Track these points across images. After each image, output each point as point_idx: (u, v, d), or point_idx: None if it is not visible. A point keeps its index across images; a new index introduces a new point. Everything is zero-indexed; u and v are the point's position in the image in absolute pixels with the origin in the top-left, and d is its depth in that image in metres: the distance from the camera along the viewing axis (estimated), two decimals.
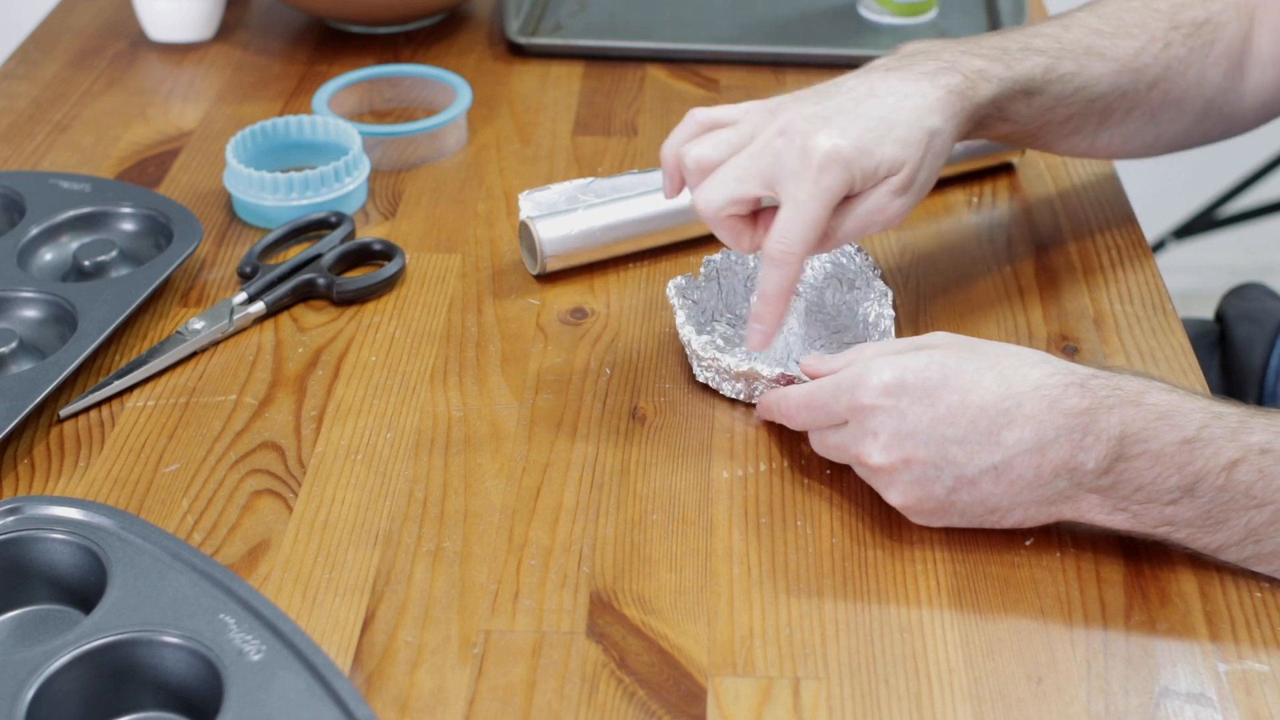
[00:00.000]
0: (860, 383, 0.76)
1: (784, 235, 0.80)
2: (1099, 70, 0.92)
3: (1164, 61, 0.94)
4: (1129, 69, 0.93)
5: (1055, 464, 0.73)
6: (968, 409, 0.74)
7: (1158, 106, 0.96)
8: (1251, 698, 0.70)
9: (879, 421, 0.75)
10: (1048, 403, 0.73)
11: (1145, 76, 0.94)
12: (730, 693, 0.70)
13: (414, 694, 0.70)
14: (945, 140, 0.85)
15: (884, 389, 0.75)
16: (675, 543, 0.78)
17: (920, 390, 0.74)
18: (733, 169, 0.82)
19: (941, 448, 0.74)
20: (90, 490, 0.82)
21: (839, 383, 0.77)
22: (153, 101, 1.21)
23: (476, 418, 0.87)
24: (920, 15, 1.32)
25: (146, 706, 0.70)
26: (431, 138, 1.12)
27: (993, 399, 0.73)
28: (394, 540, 0.79)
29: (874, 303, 0.89)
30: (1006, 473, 0.73)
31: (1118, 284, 0.98)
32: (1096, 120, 0.95)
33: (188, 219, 0.99)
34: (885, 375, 0.75)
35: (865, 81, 0.85)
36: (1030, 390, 0.73)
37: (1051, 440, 0.72)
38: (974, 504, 0.75)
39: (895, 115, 0.82)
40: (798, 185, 0.80)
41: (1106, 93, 0.93)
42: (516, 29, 1.27)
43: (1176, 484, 0.72)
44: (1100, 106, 0.93)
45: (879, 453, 0.75)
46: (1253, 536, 0.73)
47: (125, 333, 0.94)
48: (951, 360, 0.75)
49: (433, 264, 1.00)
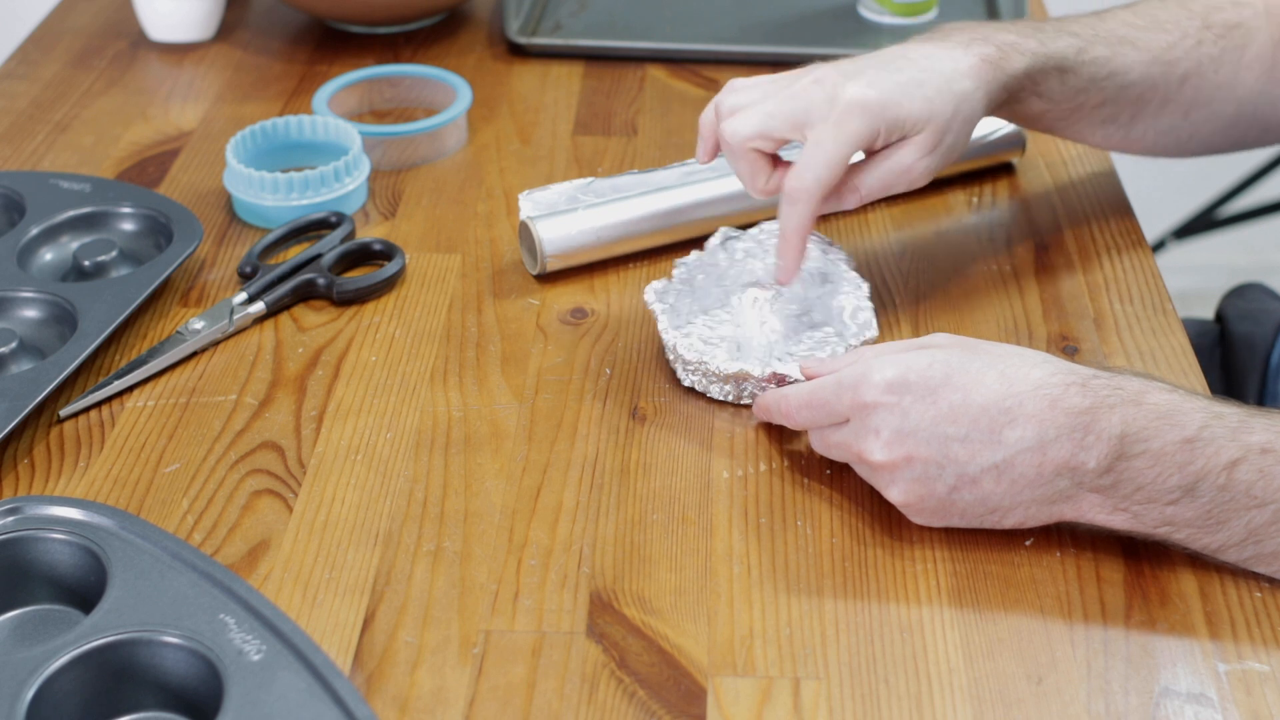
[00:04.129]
0: (863, 380, 0.76)
1: (802, 172, 0.84)
2: (1131, 58, 0.94)
3: (1195, 58, 0.96)
4: (1161, 61, 0.95)
5: (1056, 463, 0.73)
6: (970, 407, 0.74)
7: (1190, 104, 0.97)
8: (1251, 698, 0.70)
9: (881, 419, 0.75)
10: (1049, 402, 0.73)
11: (1176, 70, 0.95)
12: (730, 693, 0.70)
13: (414, 694, 0.70)
14: (975, 106, 0.88)
15: (886, 386, 0.75)
16: (675, 543, 0.78)
17: (923, 388, 0.75)
18: (765, 105, 0.86)
19: (943, 446, 0.74)
20: (90, 490, 0.82)
21: (841, 381, 0.77)
22: (153, 101, 1.21)
23: (476, 418, 0.87)
24: (920, 15, 1.32)
25: (146, 706, 0.70)
26: (431, 138, 1.12)
27: (995, 397, 0.74)
28: (394, 540, 0.79)
29: (849, 295, 0.89)
30: (1008, 471, 0.74)
31: (1118, 284, 0.98)
32: (1130, 110, 0.96)
33: (188, 219, 0.99)
34: (888, 373, 0.75)
35: (901, 48, 0.90)
36: (1031, 389, 0.74)
37: (1053, 439, 0.73)
38: (975, 503, 0.75)
39: (925, 76, 0.86)
40: (822, 128, 0.84)
41: (1138, 81, 0.95)
42: (516, 29, 1.27)
43: (1177, 483, 0.72)
44: (1133, 95, 0.95)
45: (881, 450, 0.75)
46: (1253, 537, 0.73)
47: (125, 333, 0.94)
48: (954, 359, 0.75)
49: (433, 264, 1.00)
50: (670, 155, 1.12)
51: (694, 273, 0.92)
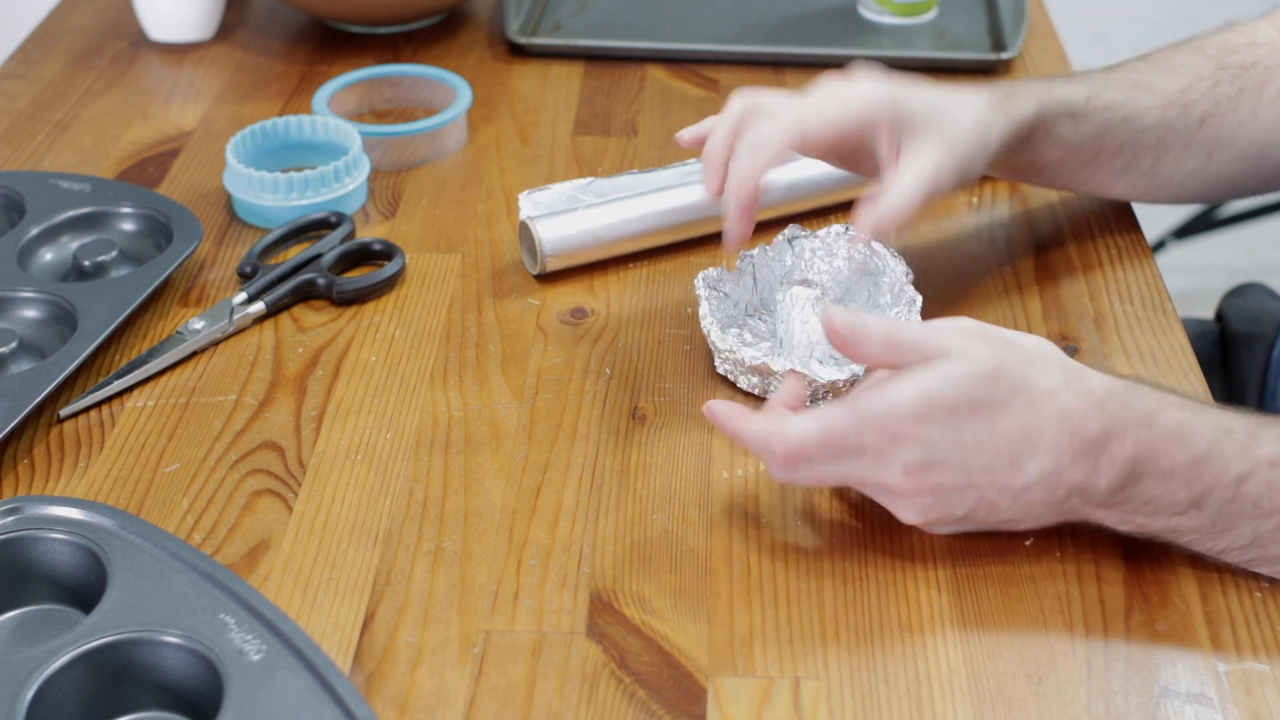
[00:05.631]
0: (888, 413, 0.71)
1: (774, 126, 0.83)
2: (1146, 102, 0.95)
3: (1212, 99, 0.96)
4: (1176, 104, 0.96)
5: (1070, 486, 0.73)
6: (995, 438, 0.71)
7: (1213, 145, 0.97)
8: (1251, 698, 0.70)
9: (908, 451, 0.72)
10: (1069, 432, 0.71)
11: (1194, 112, 0.96)
12: (730, 693, 0.70)
13: (414, 694, 0.70)
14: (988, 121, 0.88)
15: (915, 417, 0.71)
16: (675, 543, 0.78)
17: (947, 417, 0.71)
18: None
19: (968, 475, 0.72)
20: (90, 490, 0.82)
21: (861, 418, 0.72)
22: (153, 101, 1.21)
23: (476, 418, 0.87)
24: (920, 15, 1.32)
25: (146, 706, 0.70)
26: (431, 138, 1.12)
27: (1018, 427, 0.71)
28: (394, 540, 0.79)
29: (899, 307, 0.88)
30: (1024, 495, 0.73)
31: (1118, 284, 0.98)
32: (1151, 156, 0.97)
33: (188, 219, 0.99)
34: (913, 404, 0.71)
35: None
36: (1055, 418, 0.71)
37: (1068, 465, 0.72)
38: (986, 520, 0.75)
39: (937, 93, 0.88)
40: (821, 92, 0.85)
41: (1155, 125, 0.96)
42: (516, 29, 1.27)
43: (1185, 498, 0.72)
44: (1152, 140, 0.96)
45: (906, 480, 0.73)
46: (1258, 543, 0.73)
47: (125, 333, 0.94)
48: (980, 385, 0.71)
49: (433, 264, 1.00)
50: (670, 155, 1.12)
51: (756, 265, 0.92)
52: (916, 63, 1.24)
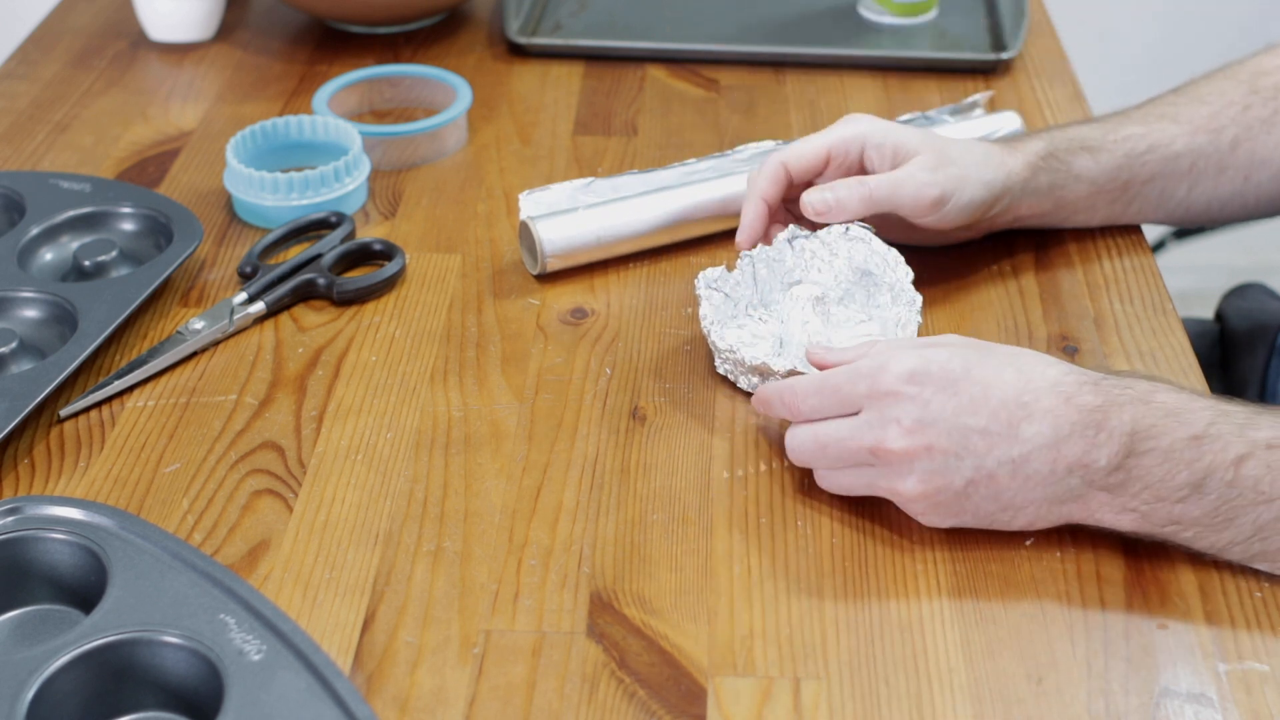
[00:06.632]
0: (881, 369, 0.76)
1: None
2: (1171, 131, 0.98)
3: (1244, 123, 0.98)
4: (1205, 130, 0.98)
5: (1069, 460, 0.73)
6: (989, 400, 0.74)
7: (1248, 167, 0.99)
8: (1251, 698, 0.70)
9: (902, 408, 0.75)
10: (1064, 398, 0.74)
11: (1224, 136, 0.98)
12: (730, 693, 0.70)
13: (414, 694, 0.70)
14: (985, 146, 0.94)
15: (908, 376, 0.75)
16: (675, 543, 0.78)
17: (943, 379, 0.75)
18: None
19: (963, 437, 0.74)
20: (90, 490, 0.82)
21: (857, 370, 0.77)
22: (153, 101, 1.21)
23: (476, 418, 0.87)
24: (920, 15, 1.32)
25: (146, 706, 0.70)
26: (431, 138, 1.12)
27: (1013, 392, 0.74)
28: (394, 540, 0.79)
29: (901, 307, 0.89)
30: (1023, 467, 0.74)
31: (1118, 284, 0.98)
32: (1185, 182, 0.99)
33: (188, 219, 0.99)
34: (908, 363, 0.76)
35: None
36: (1048, 386, 0.74)
37: (1066, 435, 0.73)
38: (987, 499, 0.75)
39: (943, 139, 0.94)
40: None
41: (1184, 152, 0.98)
42: (516, 29, 1.27)
43: (1185, 480, 0.73)
44: (1184, 166, 0.98)
45: (901, 438, 0.75)
46: (1260, 534, 0.74)
47: (125, 333, 0.94)
48: (972, 355, 0.76)
49: (433, 264, 1.00)
50: (670, 155, 1.12)
51: (757, 265, 0.92)
52: (916, 63, 1.24)
